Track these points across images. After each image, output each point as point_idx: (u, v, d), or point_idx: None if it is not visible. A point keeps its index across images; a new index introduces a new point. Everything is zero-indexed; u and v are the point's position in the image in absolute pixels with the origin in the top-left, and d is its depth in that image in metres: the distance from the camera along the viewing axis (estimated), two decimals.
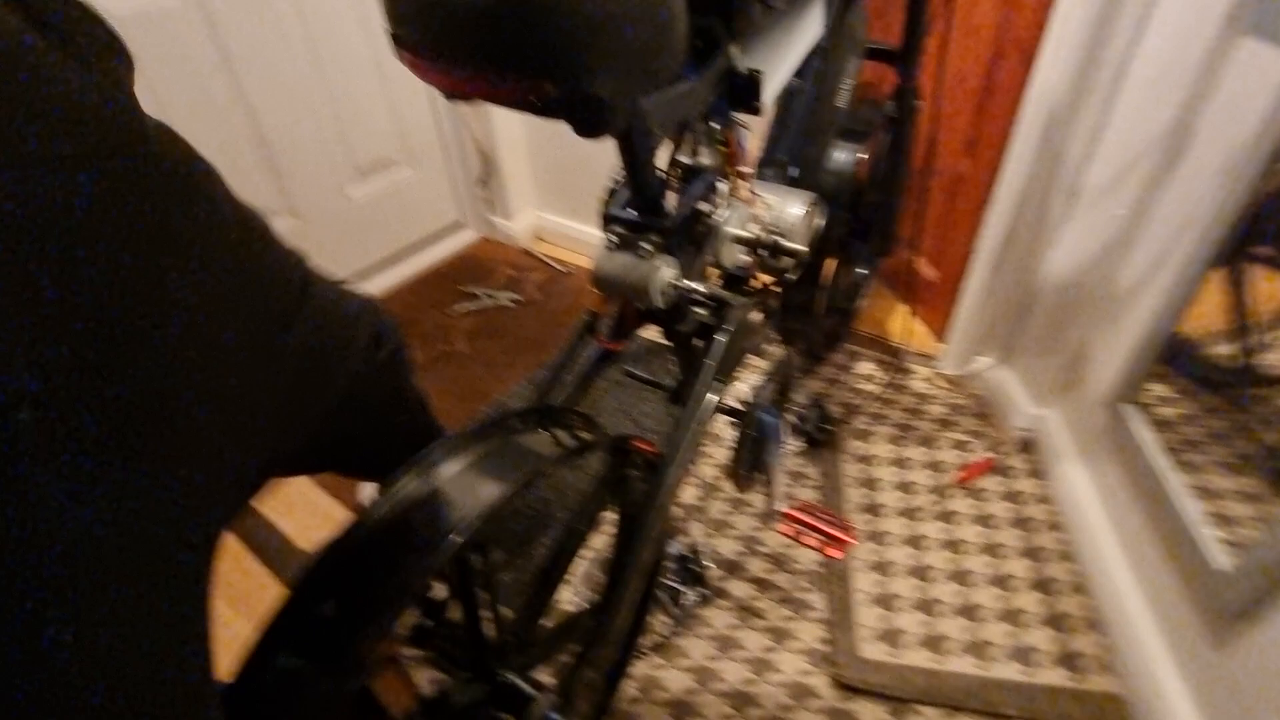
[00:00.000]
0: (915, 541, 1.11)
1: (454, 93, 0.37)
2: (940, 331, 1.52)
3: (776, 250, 0.63)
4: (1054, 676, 0.91)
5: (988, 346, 1.36)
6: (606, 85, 0.37)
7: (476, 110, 1.78)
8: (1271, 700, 0.68)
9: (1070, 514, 1.10)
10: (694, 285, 0.61)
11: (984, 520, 1.14)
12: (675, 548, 1.06)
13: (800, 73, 0.82)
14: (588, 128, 0.39)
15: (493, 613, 0.65)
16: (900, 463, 1.25)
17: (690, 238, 0.65)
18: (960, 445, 1.28)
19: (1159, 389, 0.96)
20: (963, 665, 0.93)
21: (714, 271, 0.75)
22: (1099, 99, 1.00)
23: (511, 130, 1.83)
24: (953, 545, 1.10)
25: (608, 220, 0.64)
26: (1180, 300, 0.87)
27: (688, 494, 1.21)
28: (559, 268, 1.86)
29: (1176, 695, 0.81)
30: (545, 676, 0.71)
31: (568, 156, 1.84)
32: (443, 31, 0.36)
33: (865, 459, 1.26)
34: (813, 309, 1.29)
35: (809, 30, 0.73)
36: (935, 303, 1.54)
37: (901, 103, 1.08)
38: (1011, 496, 1.17)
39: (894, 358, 1.49)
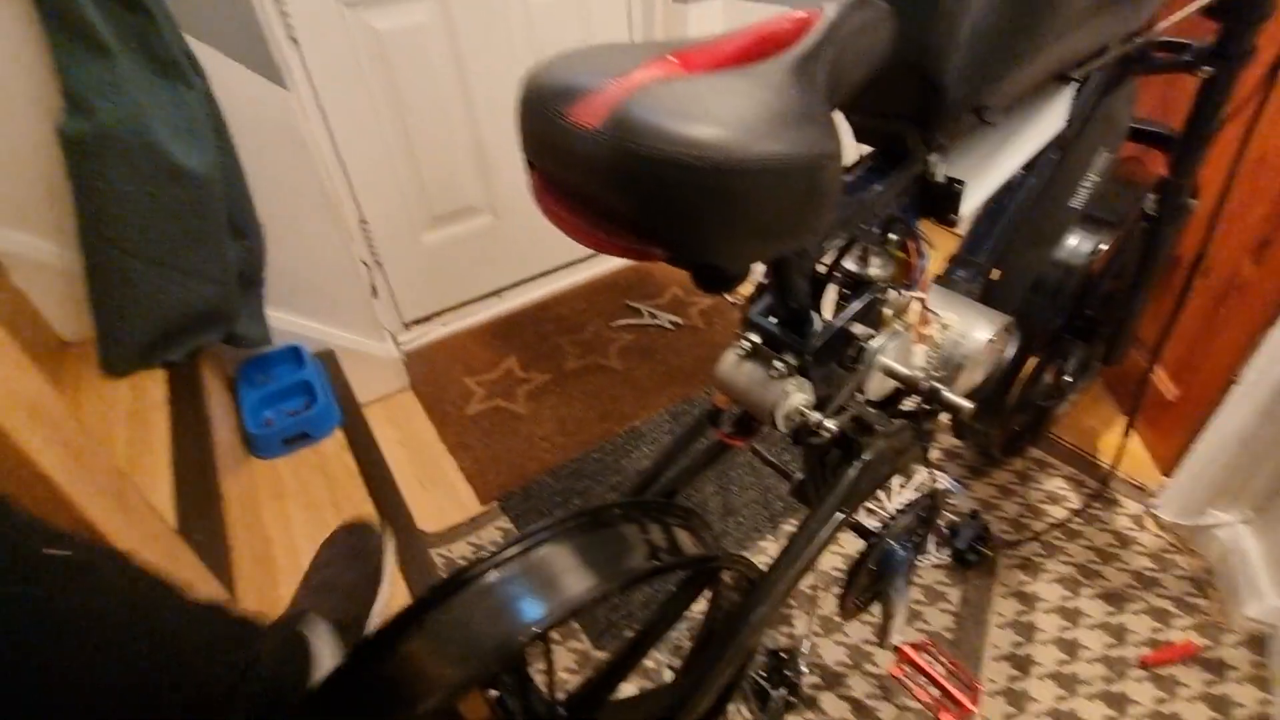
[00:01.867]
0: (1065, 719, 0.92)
1: (569, 235, 0.35)
2: (1167, 463, 1.23)
3: (933, 399, 0.54)
4: None
5: (1230, 499, 1.07)
6: (727, 256, 0.32)
7: None
8: None
9: None
10: (826, 420, 0.54)
11: None
12: (771, 642, 0.99)
13: (1028, 164, 0.69)
14: (708, 287, 0.35)
15: (549, 692, 0.65)
16: (1070, 614, 1.04)
17: (837, 358, 0.58)
18: (1159, 615, 1.03)
19: None
20: None
21: None
22: None
23: None
24: None
25: (746, 322, 0.59)
26: None
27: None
28: (728, 296, 1.81)
29: None
30: None
31: None
32: (560, 175, 0.34)
33: (1025, 598, 1.07)
34: (997, 409, 1.11)
35: (1043, 127, 0.61)
36: (1168, 426, 1.25)
37: (1166, 199, 0.87)
38: (1217, 703, 0.92)
39: (1096, 480, 1.25)
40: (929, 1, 0.43)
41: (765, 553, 1.16)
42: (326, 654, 0.66)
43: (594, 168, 0.31)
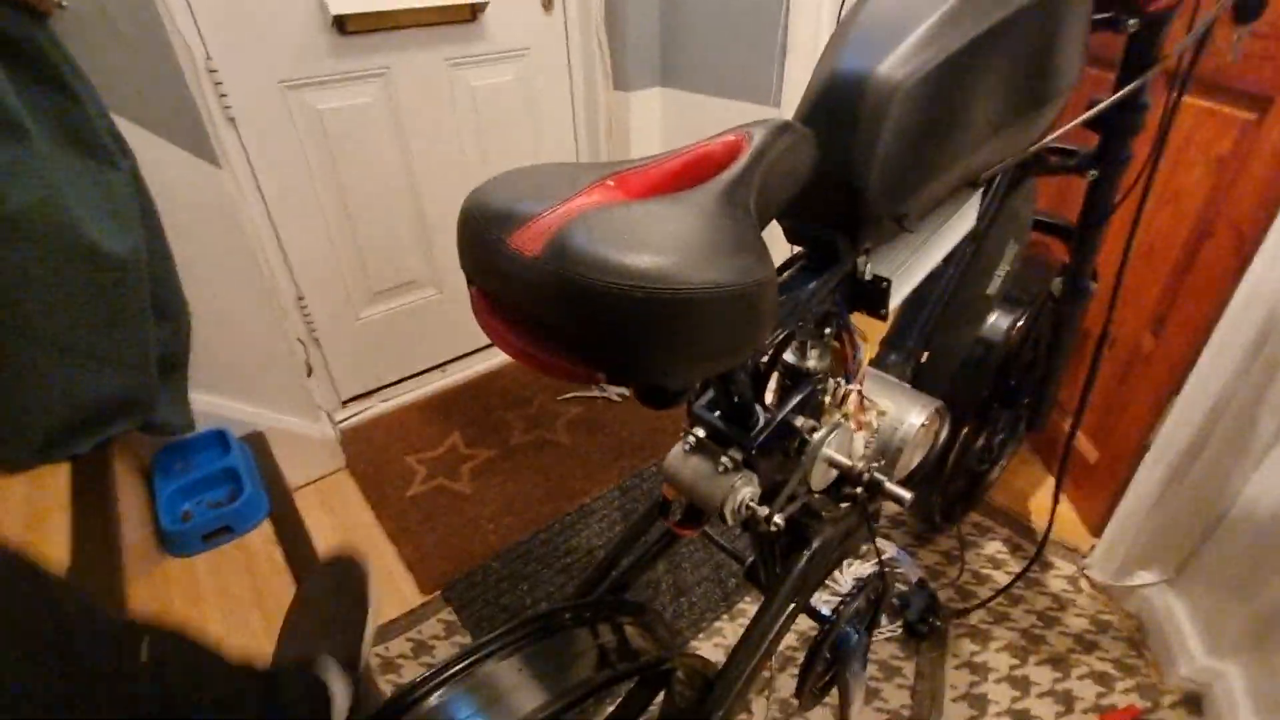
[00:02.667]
0: None
1: (507, 353, 0.35)
2: (1094, 524, 1.29)
3: (875, 490, 0.55)
4: None
5: (1154, 560, 1.12)
6: (668, 377, 0.33)
7: None
8: None
9: None
10: (773, 514, 0.54)
11: None
12: None
13: (947, 256, 0.74)
14: (651, 404, 0.35)
15: None
16: (1020, 684, 1.05)
17: (781, 449, 0.58)
18: (1101, 679, 1.05)
19: None
20: None
21: None
22: None
23: None
24: None
25: (691, 416, 0.59)
26: None
27: None
28: None
29: None
30: None
31: None
32: (501, 296, 0.34)
33: (976, 668, 1.07)
34: (935, 478, 1.15)
35: (956, 226, 0.66)
36: (1092, 488, 1.32)
37: (1069, 284, 0.95)
38: None
39: (1032, 544, 1.29)
40: (848, 127, 0.47)
41: (721, 634, 1.13)
42: (340, 694, 0.71)
43: (535, 293, 0.31)
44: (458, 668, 0.52)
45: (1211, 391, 0.97)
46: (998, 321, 1.00)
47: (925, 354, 0.80)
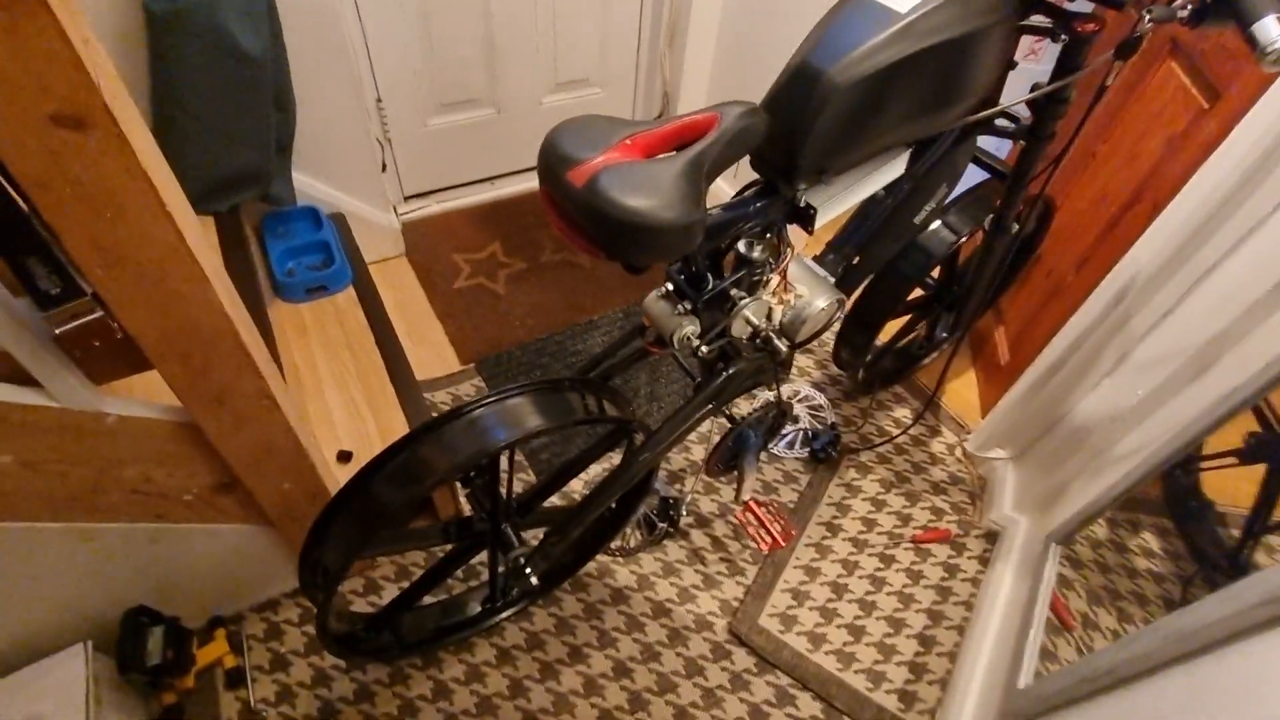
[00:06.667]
0: (849, 566, 1.35)
1: (560, 235, 0.64)
2: (985, 409, 1.63)
3: (766, 344, 0.86)
4: (888, 701, 1.17)
5: (1010, 441, 1.48)
6: (641, 262, 0.62)
7: (672, 55, 1.96)
8: None
9: (983, 603, 1.29)
10: (700, 345, 0.86)
11: (914, 576, 1.35)
12: (667, 490, 1.38)
13: (889, 187, 0.98)
14: (630, 272, 0.64)
15: (508, 489, 1.01)
16: (877, 503, 1.46)
17: (719, 307, 0.89)
18: (936, 511, 1.46)
19: (1149, 538, 1.00)
20: (826, 662, 1.21)
21: None
22: (1179, 285, 1.07)
23: (698, 80, 2.00)
24: (877, 581, 1.34)
25: (667, 275, 0.89)
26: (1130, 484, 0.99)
27: (695, 454, 1.50)
28: None
29: None
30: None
31: None
32: (560, 201, 0.62)
33: (851, 488, 1.48)
34: (862, 352, 1.47)
35: (884, 175, 0.90)
36: (997, 381, 1.64)
37: (995, 221, 1.18)
38: (950, 568, 1.37)
39: (935, 416, 1.64)
40: (798, 111, 0.71)
41: None
42: None
43: (578, 208, 0.60)
44: (493, 398, 0.87)
45: (1080, 326, 1.24)
46: (939, 235, 1.24)
47: (858, 257, 1.07)
